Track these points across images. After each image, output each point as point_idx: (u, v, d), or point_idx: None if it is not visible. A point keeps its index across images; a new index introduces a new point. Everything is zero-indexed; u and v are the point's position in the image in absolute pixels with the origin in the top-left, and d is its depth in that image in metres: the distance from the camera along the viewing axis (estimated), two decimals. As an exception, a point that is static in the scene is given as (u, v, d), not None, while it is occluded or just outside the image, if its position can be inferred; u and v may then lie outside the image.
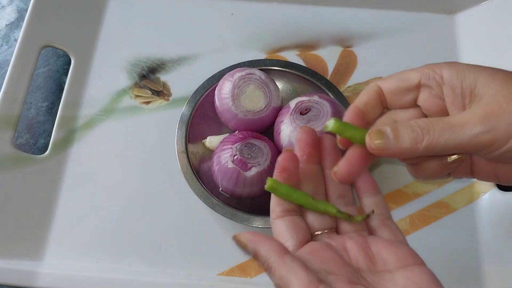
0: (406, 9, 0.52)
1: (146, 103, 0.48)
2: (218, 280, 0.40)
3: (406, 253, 0.24)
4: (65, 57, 0.53)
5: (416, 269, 0.23)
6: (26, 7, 0.55)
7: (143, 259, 0.41)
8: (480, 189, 0.43)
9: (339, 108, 0.40)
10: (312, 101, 0.39)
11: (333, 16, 0.52)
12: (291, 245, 0.24)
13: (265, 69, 0.45)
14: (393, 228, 0.26)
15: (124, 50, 0.51)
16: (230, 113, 0.41)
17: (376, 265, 0.24)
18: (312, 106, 0.39)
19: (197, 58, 0.50)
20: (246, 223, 0.39)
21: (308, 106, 0.39)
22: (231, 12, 0.53)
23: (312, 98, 0.40)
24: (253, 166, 0.38)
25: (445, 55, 0.49)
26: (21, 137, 0.48)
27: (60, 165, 0.45)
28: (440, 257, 0.40)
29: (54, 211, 0.43)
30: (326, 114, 0.38)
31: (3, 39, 0.55)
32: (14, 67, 0.45)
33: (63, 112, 0.47)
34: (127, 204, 0.44)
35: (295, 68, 0.46)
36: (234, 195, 0.40)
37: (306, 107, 0.39)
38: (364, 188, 0.28)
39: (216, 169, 0.39)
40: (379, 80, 0.28)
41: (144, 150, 0.46)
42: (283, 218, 0.25)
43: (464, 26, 0.50)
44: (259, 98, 0.42)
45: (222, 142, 0.40)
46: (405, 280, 0.22)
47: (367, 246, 0.25)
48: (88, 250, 0.42)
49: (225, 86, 0.42)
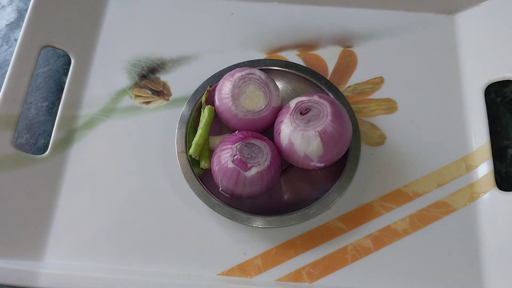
0: (406, 9, 0.52)
1: (146, 103, 0.48)
2: (218, 280, 0.40)
3: None
4: (65, 57, 0.53)
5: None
6: (26, 7, 0.55)
7: (143, 259, 0.41)
8: (480, 189, 0.43)
9: (339, 107, 0.40)
10: (312, 101, 0.39)
11: (333, 16, 0.52)
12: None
13: (265, 69, 0.45)
14: None
15: (124, 50, 0.51)
16: (230, 113, 0.41)
17: None
18: (312, 106, 0.39)
19: (197, 58, 0.50)
20: (246, 223, 0.39)
21: (308, 106, 0.39)
22: (231, 12, 0.53)
23: (312, 98, 0.40)
24: (253, 166, 0.38)
25: (445, 55, 0.49)
26: (21, 137, 0.48)
27: (60, 165, 0.45)
28: (440, 257, 0.40)
29: (54, 211, 0.43)
30: (326, 114, 0.39)
31: (3, 39, 0.55)
32: (14, 67, 0.45)
33: (63, 112, 0.47)
34: (127, 204, 0.44)
35: (295, 68, 0.46)
36: (234, 195, 0.40)
37: (306, 107, 0.39)
38: None
39: (216, 169, 0.39)
40: None
41: (144, 150, 0.46)
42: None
43: (464, 26, 0.50)
44: (259, 98, 0.42)
45: (222, 142, 0.40)
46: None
47: None
48: (88, 250, 0.42)
49: (225, 86, 0.42)
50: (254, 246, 0.42)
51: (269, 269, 0.41)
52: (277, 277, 0.41)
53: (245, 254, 0.41)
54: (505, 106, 0.49)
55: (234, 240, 0.42)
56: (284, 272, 0.41)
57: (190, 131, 0.43)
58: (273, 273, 0.41)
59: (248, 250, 0.42)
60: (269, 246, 0.42)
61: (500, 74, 0.45)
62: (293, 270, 0.41)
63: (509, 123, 0.48)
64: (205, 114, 0.43)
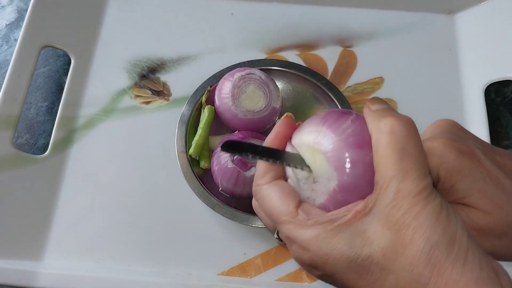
0: (406, 9, 0.52)
1: (146, 103, 0.48)
2: (218, 280, 0.40)
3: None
4: (65, 57, 0.53)
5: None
6: (26, 7, 0.55)
7: (143, 259, 0.41)
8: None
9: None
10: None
11: (333, 16, 0.52)
12: (294, 199, 0.23)
13: (265, 69, 0.45)
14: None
15: (124, 50, 0.51)
16: (230, 113, 0.41)
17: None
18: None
19: (197, 58, 0.50)
20: (246, 223, 0.39)
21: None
22: (231, 12, 0.53)
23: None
24: (252, 166, 0.38)
25: (445, 55, 0.49)
26: (21, 137, 0.48)
27: (60, 165, 0.45)
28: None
29: (54, 211, 0.43)
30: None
31: (3, 39, 0.55)
32: (14, 67, 0.45)
33: (63, 112, 0.47)
34: (127, 204, 0.44)
35: (295, 68, 0.46)
36: (234, 195, 0.40)
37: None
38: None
39: (216, 169, 0.39)
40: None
41: (144, 150, 0.46)
42: (278, 182, 0.24)
43: (464, 26, 0.50)
44: (259, 98, 0.42)
45: (221, 142, 0.40)
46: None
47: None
48: (88, 250, 0.42)
49: (225, 86, 0.42)
50: (254, 246, 0.42)
51: (269, 269, 0.41)
52: (277, 277, 0.41)
53: (245, 254, 0.41)
54: (505, 106, 0.49)
55: (234, 240, 0.42)
56: (284, 272, 0.41)
57: (190, 131, 0.43)
58: (273, 273, 0.41)
59: (248, 250, 0.41)
60: (269, 246, 0.42)
61: (500, 74, 0.45)
62: (293, 270, 0.41)
63: (509, 123, 0.48)
64: (205, 114, 0.43)
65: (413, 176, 0.19)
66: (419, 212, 0.19)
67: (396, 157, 0.20)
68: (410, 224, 0.19)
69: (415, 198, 0.19)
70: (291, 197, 0.23)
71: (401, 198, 0.19)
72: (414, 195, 0.19)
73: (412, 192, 0.19)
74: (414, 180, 0.19)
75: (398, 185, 0.19)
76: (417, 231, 0.19)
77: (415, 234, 0.19)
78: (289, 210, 0.22)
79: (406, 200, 0.19)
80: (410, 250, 0.19)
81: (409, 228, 0.19)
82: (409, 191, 0.19)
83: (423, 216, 0.19)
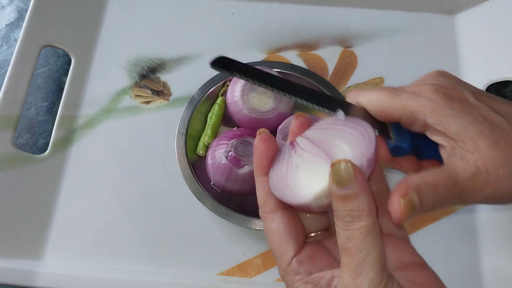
0: (406, 9, 0.52)
1: (146, 103, 0.48)
2: (218, 280, 0.40)
3: (406, 251, 0.24)
4: (65, 57, 0.53)
5: (415, 269, 0.23)
6: (26, 7, 0.55)
7: (143, 259, 0.41)
8: (480, 189, 0.43)
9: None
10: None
11: (333, 16, 0.52)
12: (291, 249, 0.24)
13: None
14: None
15: (124, 50, 0.51)
16: (236, 107, 0.42)
17: None
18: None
19: (197, 58, 0.50)
20: (245, 224, 0.39)
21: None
22: (231, 12, 0.53)
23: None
24: (246, 164, 0.38)
25: (445, 55, 0.49)
26: (21, 137, 0.48)
27: (60, 165, 0.45)
28: (440, 257, 0.40)
29: (54, 211, 0.43)
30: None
31: (3, 39, 0.55)
32: (14, 67, 0.45)
33: (63, 112, 0.47)
34: (127, 204, 0.44)
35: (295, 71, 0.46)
36: (225, 190, 0.40)
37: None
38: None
39: (210, 163, 0.39)
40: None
41: (144, 150, 0.46)
42: (281, 215, 0.25)
43: (464, 26, 0.50)
44: (268, 99, 0.42)
45: (218, 137, 0.41)
46: (405, 281, 0.22)
47: None
48: (88, 250, 0.42)
49: (241, 80, 0.42)
50: (253, 246, 0.42)
51: (268, 269, 0.41)
52: (276, 277, 0.41)
53: (244, 254, 0.41)
54: (505, 106, 0.48)
55: (234, 240, 0.42)
56: (284, 272, 0.41)
57: (190, 131, 0.43)
58: (273, 273, 0.41)
59: (248, 250, 0.41)
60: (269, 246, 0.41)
61: (501, 75, 0.45)
62: (293, 270, 0.41)
63: (509, 123, 0.48)
64: (215, 106, 0.44)
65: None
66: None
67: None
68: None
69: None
70: (291, 244, 0.24)
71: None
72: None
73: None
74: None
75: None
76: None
77: None
78: (286, 260, 0.24)
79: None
80: None
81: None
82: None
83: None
